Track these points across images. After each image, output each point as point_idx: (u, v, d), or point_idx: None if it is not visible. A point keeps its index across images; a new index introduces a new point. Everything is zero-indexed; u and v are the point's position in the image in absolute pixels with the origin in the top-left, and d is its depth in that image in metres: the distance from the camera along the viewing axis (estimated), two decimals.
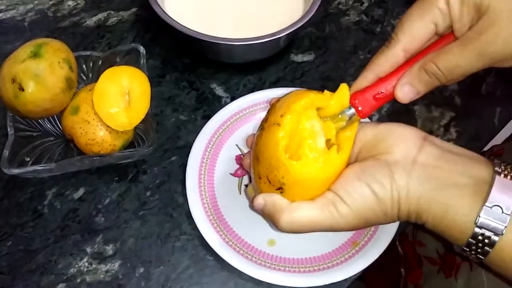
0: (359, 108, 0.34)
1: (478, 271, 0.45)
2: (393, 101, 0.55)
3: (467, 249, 0.31)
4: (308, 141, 0.32)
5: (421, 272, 0.55)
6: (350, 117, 0.34)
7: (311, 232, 0.34)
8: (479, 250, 0.30)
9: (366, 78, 0.34)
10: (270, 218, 0.34)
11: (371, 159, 0.32)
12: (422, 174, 0.31)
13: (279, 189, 0.33)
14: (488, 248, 0.30)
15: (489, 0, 0.28)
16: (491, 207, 0.29)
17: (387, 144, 0.32)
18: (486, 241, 0.29)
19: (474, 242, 0.30)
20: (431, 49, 0.32)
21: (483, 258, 0.30)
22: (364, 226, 0.33)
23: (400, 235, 0.59)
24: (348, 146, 0.33)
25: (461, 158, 0.32)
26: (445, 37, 0.32)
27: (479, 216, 0.29)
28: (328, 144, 0.34)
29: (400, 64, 0.33)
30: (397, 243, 0.60)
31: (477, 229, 0.29)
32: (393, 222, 0.33)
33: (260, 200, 0.34)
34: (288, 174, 0.32)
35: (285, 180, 0.32)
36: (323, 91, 0.35)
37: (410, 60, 0.33)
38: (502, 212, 0.29)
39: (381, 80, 0.34)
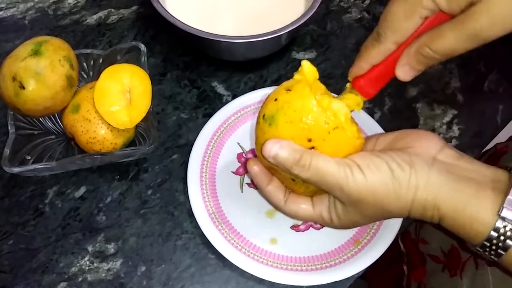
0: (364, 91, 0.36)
1: (484, 270, 0.44)
2: (396, 99, 0.55)
3: (488, 244, 0.30)
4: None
5: (424, 270, 0.54)
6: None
7: (317, 189, 0.35)
8: (500, 244, 0.30)
9: (361, 67, 0.35)
10: (286, 163, 0.33)
11: (393, 150, 0.34)
12: (443, 167, 0.32)
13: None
14: (510, 242, 0.29)
15: None
16: None
17: (408, 140, 0.34)
18: (509, 233, 0.29)
19: (496, 235, 0.30)
20: (425, 30, 0.32)
21: (503, 253, 0.30)
22: (372, 206, 0.33)
23: (402, 233, 0.59)
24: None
25: (477, 162, 0.33)
26: (437, 15, 0.32)
27: (503, 207, 0.30)
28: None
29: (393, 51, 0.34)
30: (399, 240, 0.60)
31: (499, 222, 0.30)
32: (402, 214, 0.33)
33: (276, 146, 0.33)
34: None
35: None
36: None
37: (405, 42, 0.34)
38: None
39: (378, 64, 0.35)
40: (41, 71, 0.42)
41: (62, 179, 0.48)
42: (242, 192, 0.47)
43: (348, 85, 0.37)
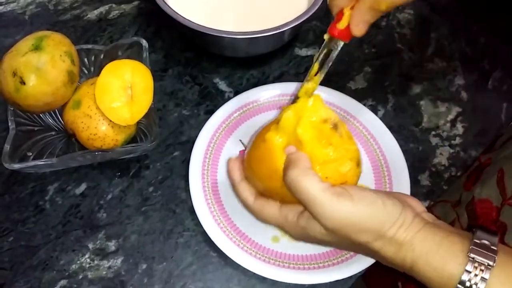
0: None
1: None
2: (399, 96, 0.55)
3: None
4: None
5: (418, 283, 0.54)
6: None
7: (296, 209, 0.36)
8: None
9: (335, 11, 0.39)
10: (287, 163, 0.35)
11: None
12: (427, 217, 0.35)
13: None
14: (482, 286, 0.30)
15: None
16: (479, 241, 0.32)
17: (396, 196, 0.36)
18: (479, 278, 0.30)
19: (467, 278, 0.31)
20: None
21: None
22: (344, 235, 0.33)
23: None
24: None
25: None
26: None
27: (471, 248, 0.31)
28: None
29: None
30: None
31: (469, 265, 0.31)
32: (373, 248, 0.34)
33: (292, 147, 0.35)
34: None
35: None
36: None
37: None
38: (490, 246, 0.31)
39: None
40: (42, 67, 0.41)
41: (62, 175, 0.48)
42: None
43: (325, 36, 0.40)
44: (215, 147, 0.48)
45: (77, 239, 0.44)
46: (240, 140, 0.49)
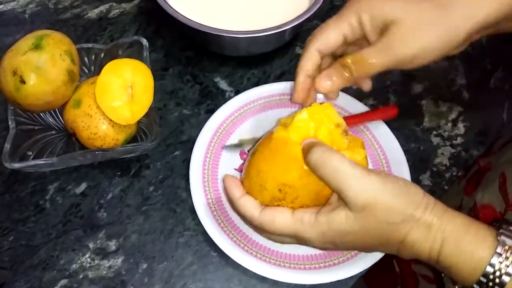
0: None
1: None
2: (401, 95, 0.55)
3: (491, 270, 0.30)
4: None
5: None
6: None
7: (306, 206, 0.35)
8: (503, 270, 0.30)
9: (299, 79, 0.39)
10: (307, 148, 0.34)
11: None
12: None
13: None
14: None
15: (392, 15, 0.34)
16: (506, 226, 0.32)
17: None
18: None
19: (498, 261, 0.30)
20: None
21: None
22: (379, 214, 0.32)
23: None
24: None
25: None
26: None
27: (501, 232, 0.31)
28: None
29: (318, 64, 0.38)
30: (394, 261, 0.59)
31: (499, 248, 0.30)
32: (402, 234, 0.32)
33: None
34: None
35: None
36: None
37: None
38: None
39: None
40: (42, 66, 0.41)
41: (63, 175, 0.47)
42: None
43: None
44: (215, 146, 0.48)
45: (78, 239, 0.44)
46: (241, 140, 0.49)
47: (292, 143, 0.36)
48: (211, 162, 0.47)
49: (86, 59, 0.49)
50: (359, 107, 0.50)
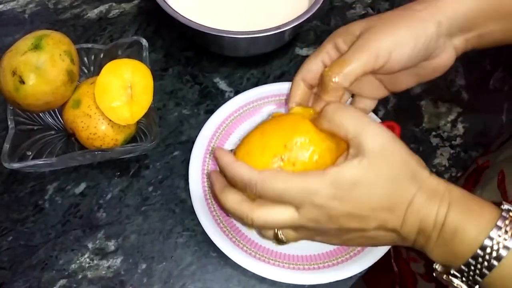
0: None
1: None
2: (400, 96, 0.55)
3: (481, 253, 0.30)
4: None
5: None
6: None
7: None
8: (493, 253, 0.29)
9: (289, 107, 0.39)
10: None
11: None
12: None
13: None
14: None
15: (363, 26, 0.36)
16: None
17: None
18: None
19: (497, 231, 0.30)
20: None
21: (487, 272, 0.30)
22: (390, 166, 0.31)
23: (394, 252, 0.58)
24: None
25: None
26: None
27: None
28: None
29: (306, 91, 0.38)
30: (393, 261, 0.59)
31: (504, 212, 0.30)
32: (411, 191, 0.31)
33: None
34: None
35: None
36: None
37: None
38: None
39: None
40: (42, 66, 0.41)
41: (62, 175, 0.47)
42: None
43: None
44: (215, 147, 0.48)
45: (77, 239, 0.44)
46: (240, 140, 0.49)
47: (298, 114, 0.36)
48: (211, 162, 0.47)
49: (85, 59, 0.49)
50: None
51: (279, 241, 0.35)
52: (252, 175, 0.32)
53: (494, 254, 0.29)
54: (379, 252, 0.42)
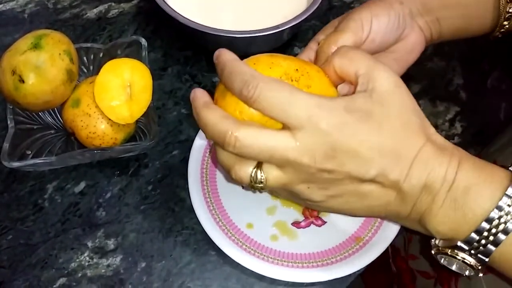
0: None
1: (477, 279, 0.42)
2: None
3: (488, 224, 0.27)
4: None
5: (414, 287, 0.54)
6: None
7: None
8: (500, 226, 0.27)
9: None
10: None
11: None
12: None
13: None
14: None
15: (338, 22, 0.38)
16: None
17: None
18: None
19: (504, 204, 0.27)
20: None
21: (493, 248, 0.27)
22: (398, 110, 0.28)
23: (392, 251, 0.58)
24: None
25: None
26: None
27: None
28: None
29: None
30: (391, 260, 0.60)
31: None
32: (418, 144, 0.28)
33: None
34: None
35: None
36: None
37: None
38: None
39: None
40: (41, 65, 0.41)
41: (61, 174, 0.48)
42: (243, 188, 0.46)
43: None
44: (214, 146, 0.48)
45: (76, 238, 0.44)
46: None
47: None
48: (210, 161, 0.47)
49: (85, 58, 0.49)
50: None
51: (254, 183, 0.29)
52: (255, 73, 0.28)
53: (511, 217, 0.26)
54: (378, 250, 0.42)
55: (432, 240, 0.31)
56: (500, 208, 0.27)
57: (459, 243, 0.28)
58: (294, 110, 0.27)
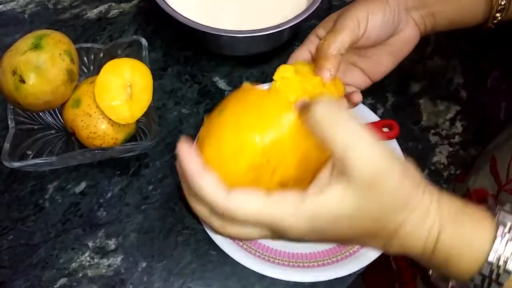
0: None
1: None
2: (399, 95, 0.55)
3: (494, 257, 0.27)
4: None
5: (415, 284, 0.54)
6: None
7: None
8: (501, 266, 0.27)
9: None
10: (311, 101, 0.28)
11: None
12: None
13: None
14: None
15: (336, 16, 0.39)
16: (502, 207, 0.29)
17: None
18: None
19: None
20: None
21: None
22: (385, 190, 0.26)
23: None
24: None
25: None
26: None
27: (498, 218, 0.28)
28: None
29: None
30: (391, 259, 0.60)
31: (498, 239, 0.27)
32: (402, 215, 0.27)
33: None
34: None
35: None
36: None
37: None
38: None
39: None
40: (42, 65, 0.41)
41: (62, 174, 0.48)
42: None
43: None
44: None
45: (77, 238, 0.44)
46: None
47: (282, 96, 0.30)
48: None
49: (85, 58, 0.49)
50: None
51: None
52: (218, 200, 0.26)
53: (502, 267, 0.27)
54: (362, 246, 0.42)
55: (429, 272, 0.33)
56: (483, 273, 0.28)
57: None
58: (261, 225, 0.27)
